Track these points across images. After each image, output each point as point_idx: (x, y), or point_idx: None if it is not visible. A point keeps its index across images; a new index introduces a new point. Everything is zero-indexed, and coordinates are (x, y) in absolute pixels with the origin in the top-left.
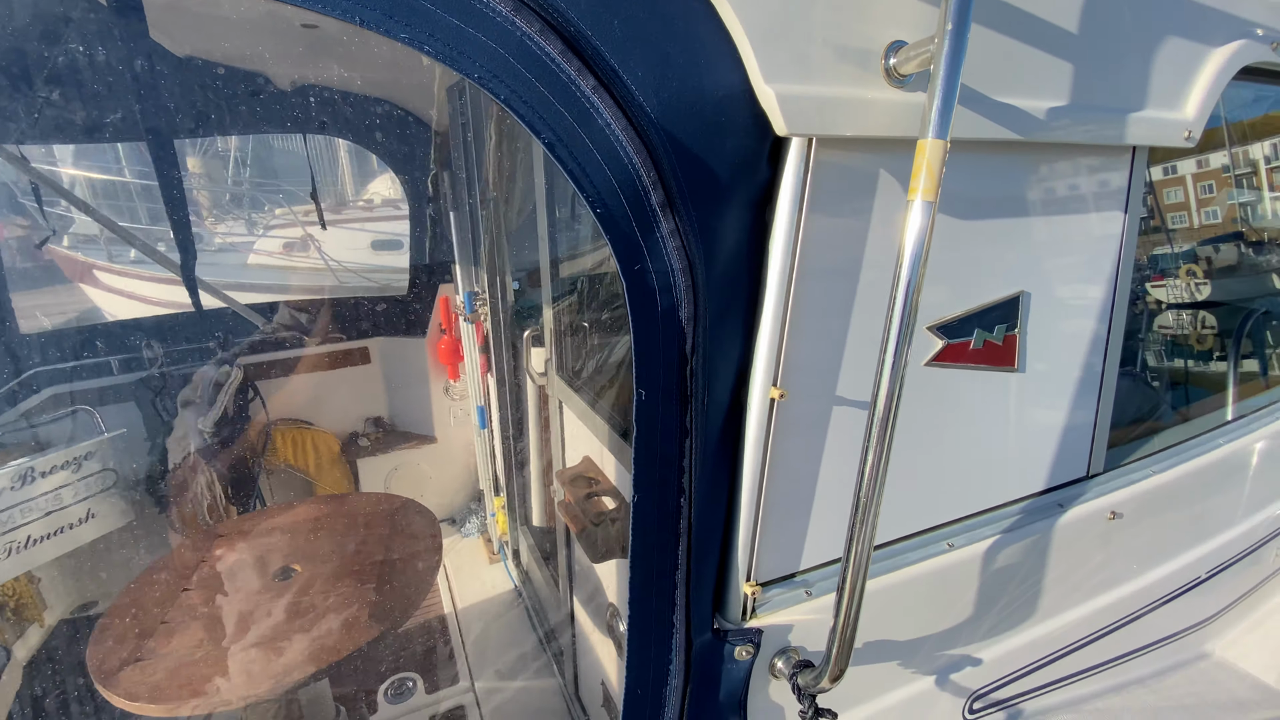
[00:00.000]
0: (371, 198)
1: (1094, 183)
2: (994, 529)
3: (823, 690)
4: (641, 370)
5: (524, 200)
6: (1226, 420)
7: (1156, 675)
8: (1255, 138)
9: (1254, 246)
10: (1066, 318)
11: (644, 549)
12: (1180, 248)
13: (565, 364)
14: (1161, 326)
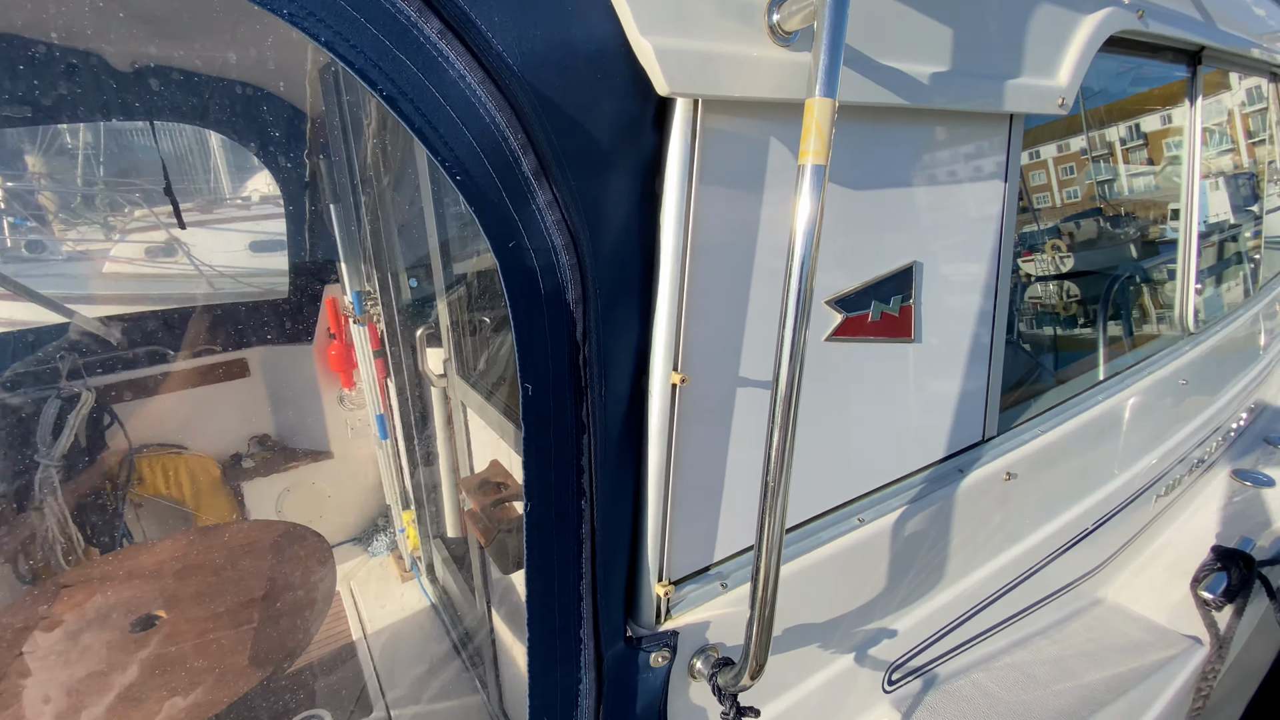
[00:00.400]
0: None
1: (974, 151)
2: (901, 500)
3: (744, 688)
4: (527, 362)
5: (410, 187)
6: (1099, 380)
7: (1056, 625)
8: (1111, 121)
9: (1111, 220)
10: (956, 286)
11: (543, 563)
12: (1045, 224)
13: (464, 363)
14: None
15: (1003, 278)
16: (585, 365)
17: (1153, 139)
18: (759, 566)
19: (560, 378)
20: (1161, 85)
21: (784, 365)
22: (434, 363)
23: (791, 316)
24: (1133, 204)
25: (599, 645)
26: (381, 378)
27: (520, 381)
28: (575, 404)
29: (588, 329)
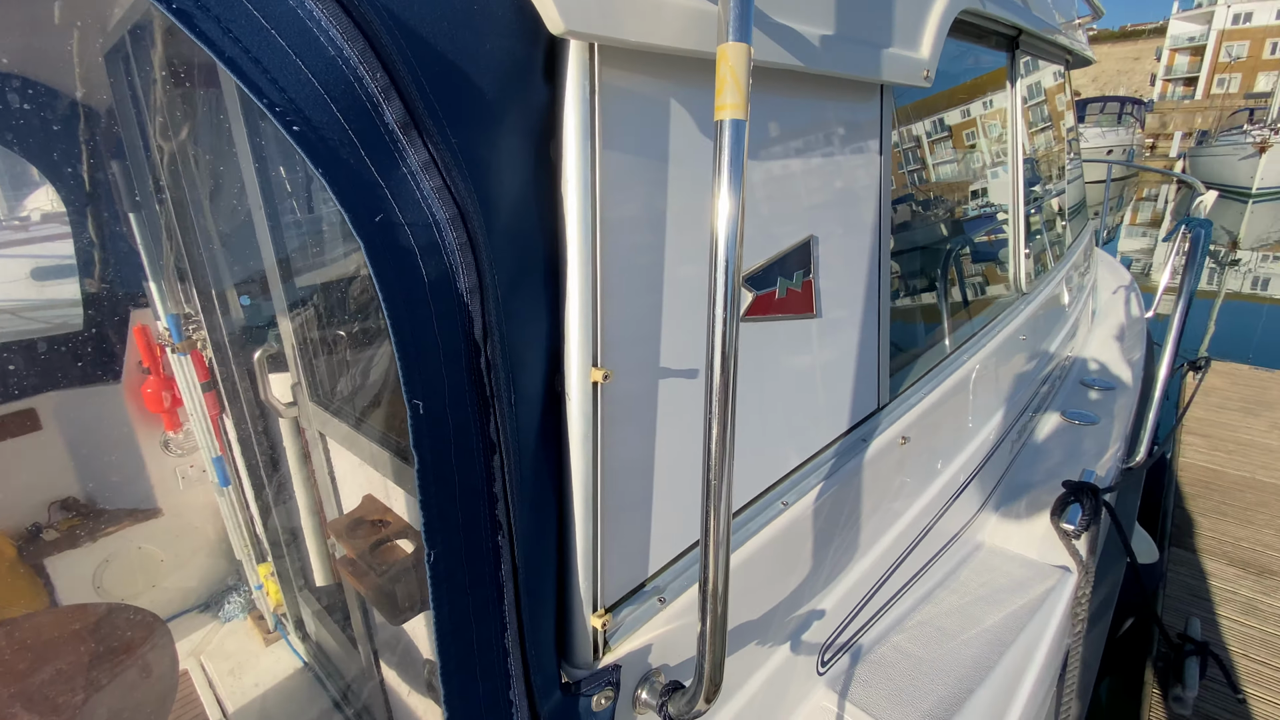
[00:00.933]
0: (29, 214)
1: (851, 123)
2: (817, 476)
3: (699, 714)
4: (413, 372)
5: (233, 184)
6: (962, 342)
7: (951, 575)
8: (942, 110)
9: (947, 201)
10: (846, 258)
11: (457, 622)
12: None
13: (319, 387)
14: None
15: (884, 247)
16: (489, 370)
17: (977, 124)
18: (707, 569)
19: (458, 388)
20: (985, 74)
21: (717, 347)
22: (280, 390)
23: (720, 291)
24: (963, 184)
25: (533, 704)
26: (214, 414)
27: (407, 398)
28: (480, 419)
29: (488, 324)
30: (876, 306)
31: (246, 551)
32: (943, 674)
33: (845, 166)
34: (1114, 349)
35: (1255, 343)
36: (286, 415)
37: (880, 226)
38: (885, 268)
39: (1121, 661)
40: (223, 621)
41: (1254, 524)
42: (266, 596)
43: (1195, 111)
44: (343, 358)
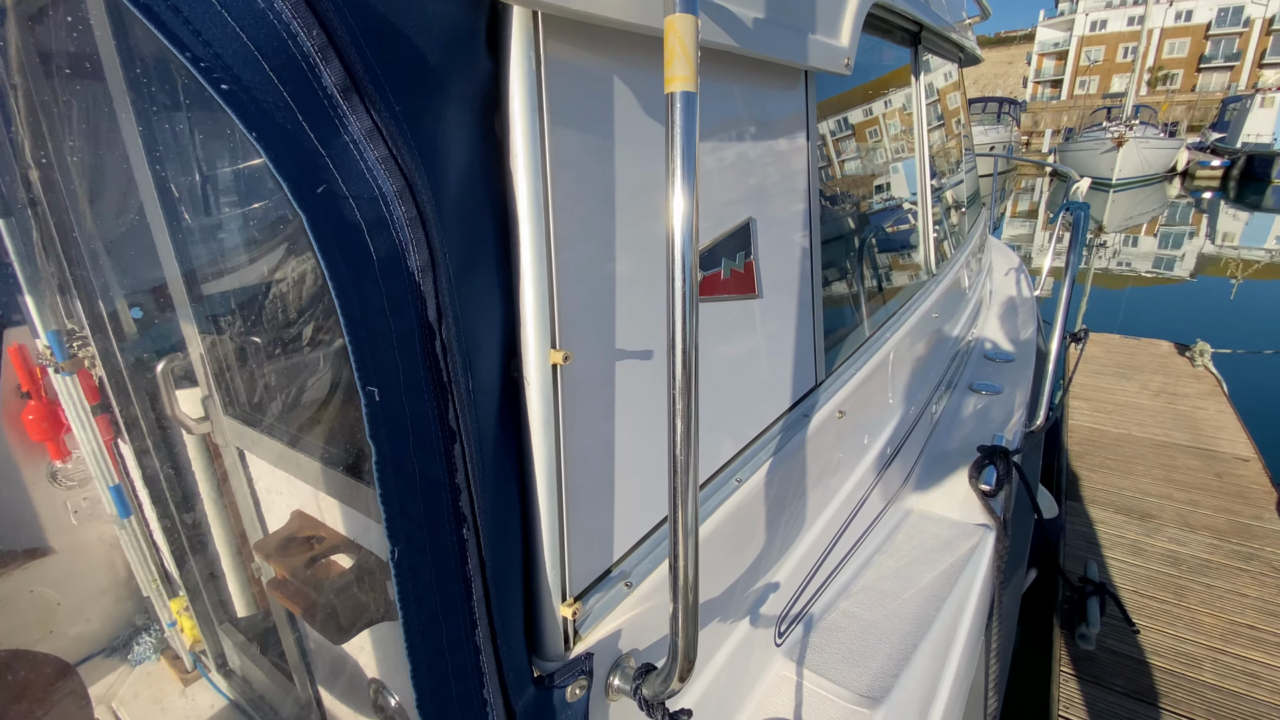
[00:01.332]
0: None
1: (779, 107)
2: (766, 452)
3: (673, 693)
4: (365, 356)
5: (121, 179)
6: (885, 319)
7: (887, 542)
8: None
9: (840, 196)
10: (781, 238)
11: (425, 621)
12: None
13: (235, 397)
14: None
15: (815, 229)
16: (445, 354)
17: (880, 122)
18: (676, 544)
19: (413, 374)
20: (890, 71)
21: (678, 321)
22: (189, 405)
23: (680, 264)
24: (872, 177)
25: (508, 701)
26: (109, 439)
27: (360, 385)
28: (439, 406)
29: (441, 306)
30: (811, 286)
31: (155, 587)
32: (889, 633)
33: (776, 151)
34: (1010, 325)
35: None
36: (197, 431)
37: (810, 209)
38: (817, 249)
39: (1029, 613)
40: (133, 665)
41: (1133, 474)
42: (181, 634)
43: (1062, 110)
44: (260, 366)
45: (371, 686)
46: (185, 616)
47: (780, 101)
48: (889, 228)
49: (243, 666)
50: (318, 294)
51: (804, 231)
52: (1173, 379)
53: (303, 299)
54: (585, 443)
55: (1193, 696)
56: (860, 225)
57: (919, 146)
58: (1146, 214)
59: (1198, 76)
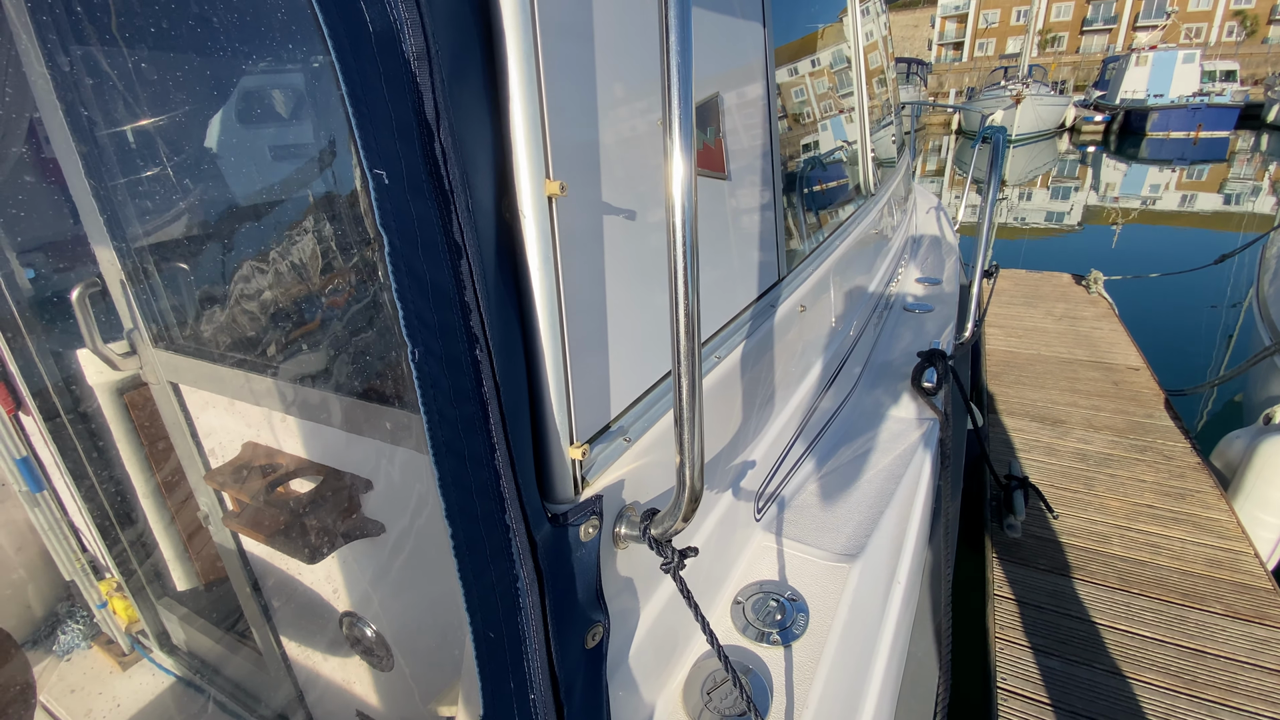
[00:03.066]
0: None
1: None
2: (740, 335)
3: (678, 531)
4: (368, 136)
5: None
6: (836, 226)
7: (845, 436)
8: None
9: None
10: (746, 126)
11: (445, 435)
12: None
13: (168, 330)
14: None
15: (773, 121)
16: (445, 160)
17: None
18: (680, 383)
19: (415, 171)
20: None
21: (677, 173)
22: (116, 344)
23: (676, 82)
24: (821, 99)
25: (529, 529)
26: (9, 409)
27: (368, 167)
28: (442, 214)
29: (439, 107)
30: (773, 181)
31: (79, 567)
32: (855, 506)
33: (733, 32)
34: (935, 256)
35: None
36: (123, 369)
37: (769, 99)
38: (776, 147)
39: (964, 510)
40: (60, 656)
41: (1044, 388)
42: (114, 616)
43: (964, 72)
44: (190, 288)
45: (344, 622)
46: (117, 597)
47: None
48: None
49: (188, 640)
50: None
51: (764, 123)
52: (1072, 305)
53: (235, 213)
54: (583, 290)
55: (1106, 568)
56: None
57: (856, 76)
58: (1042, 167)
59: (1081, 39)
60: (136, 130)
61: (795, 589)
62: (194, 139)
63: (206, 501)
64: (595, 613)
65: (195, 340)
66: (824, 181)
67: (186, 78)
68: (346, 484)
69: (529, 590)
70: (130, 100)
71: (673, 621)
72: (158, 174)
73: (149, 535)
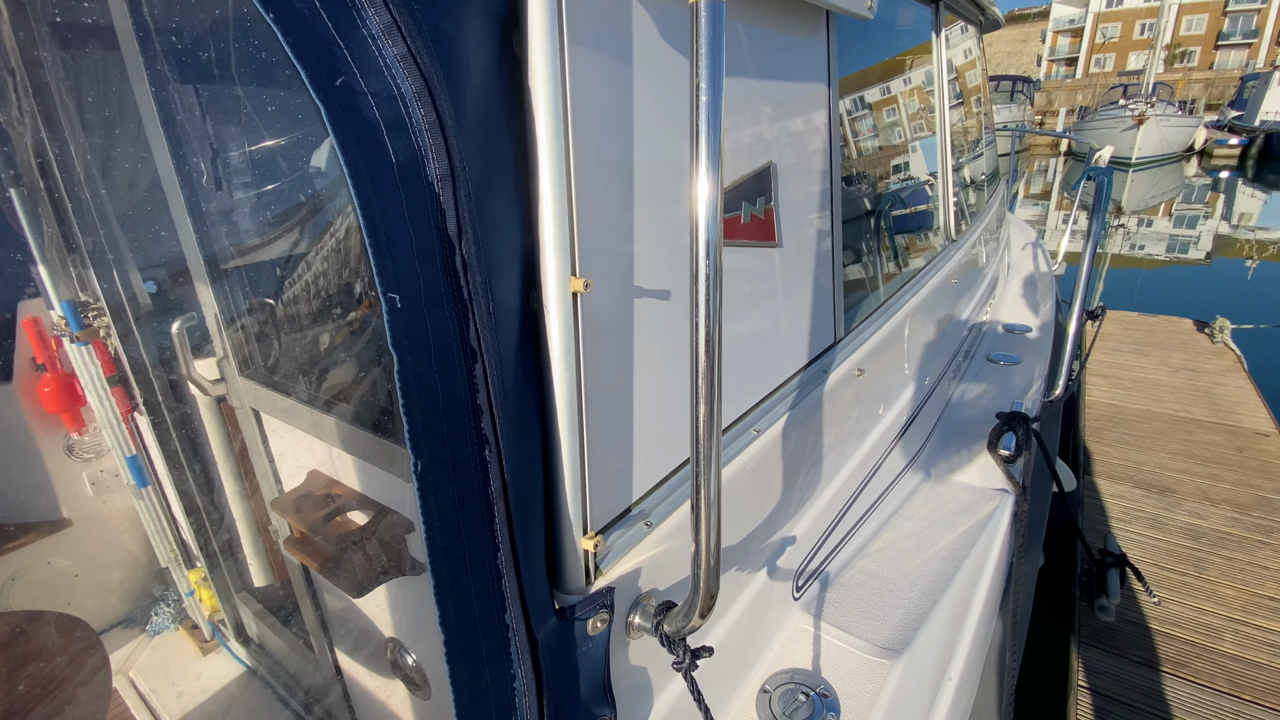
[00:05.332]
0: None
1: (799, 50)
2: (784, 405)
3: (694, 629)
4: (385, 260)
5: (129, 158)
6: (906, 281)
7: (904, 504)
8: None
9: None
10: (802, 188)
11: (448, 539)
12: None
13: (252, 361)
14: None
15: (835, 181)
16: (465, 270)
17: (905, 86)
18: (698, 481)
19: (434, 286)
20: (912, 46)
21: (701, 256)
22: (206, 369)
23: (705, 185)
24: (897, 142)
25: (530, 628)
26: (125, 410)
27: (381, 291)
28: (459, 323)
29: (461, 220)
30: (830, 240)
31: (173, 557)
32: (907, 590)
33: (796, 96)
34: (1029, 299)
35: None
36: (213, 393)
37: (831, 160)
38: (838, 204)
39: (1048, 584)
40: (151, 635)
41: (1153, 449)
42: (200, 603)
43: (1076, 89)
44: (274, 326)
45: (389, 646)
46: (203, 586)
47: (802, 45)
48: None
49: (260, 635)
50: (332, 256)
51: (824, 184)
52: (1193, 355)
53: (317, 263)
54: (606, 378)
55: (1213, 666)
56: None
57: (940, 110)
58: (1165, 194)
59: (1215, 54)
60: (234, 171)
61: (829, 683)
62: (287, 188)
63: (276, 517)
64: (600, 707)
65: (273, 374)
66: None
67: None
68: (394, 523)
69: (525, 691)
70: (228, 161)
71: (689, 713)
72: (251, 218)
73: (235, 533)
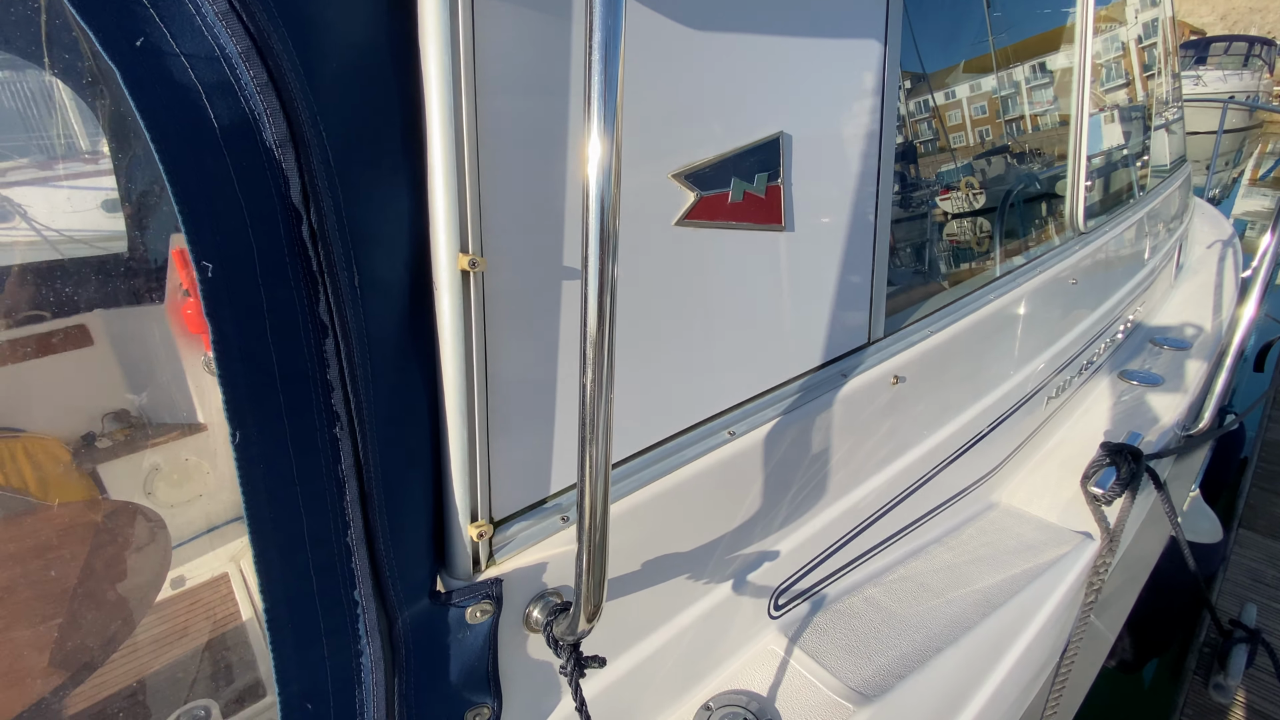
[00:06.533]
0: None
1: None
2: (777, 409)
3: (583, 635)
4: (202, 230)
5: None
6: (991, 279)
7: (950, 533)
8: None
9: (1016, 156)
10: (832, 166)
11: (274, 514)
12: (959, 162)
13: None
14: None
15: (885, 157)
16: (316, 241)
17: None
18: (584, 485)
19: (275, 258)
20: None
21: (593, 227)
22: None
23: (598, 147)
24: (1025, 132)
25: (387, 605)
26: None
27: (194, 259)
28: (307, 296)
29: (313, 189)
30: (872, 227)
31: None
32: (912, 630)
33: (836, 54)
34: (1197, 307)
35: None
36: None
37: (881, 134)
38: (887, 182)
39: (1150, 645)
40: None
41: None
42: None
43: None
44: None
45: None
46: None
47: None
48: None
49: None
50: None
51: (867, 158)
52: None
53: None
54: (514, 364)
55: None
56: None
57: (1079, 80)
58: None
59: None
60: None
61: (779, 715)
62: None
63: None
64: (478, 695)
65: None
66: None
67: None
68: None
69: (373, 668)
70: None
71: (606, 713)
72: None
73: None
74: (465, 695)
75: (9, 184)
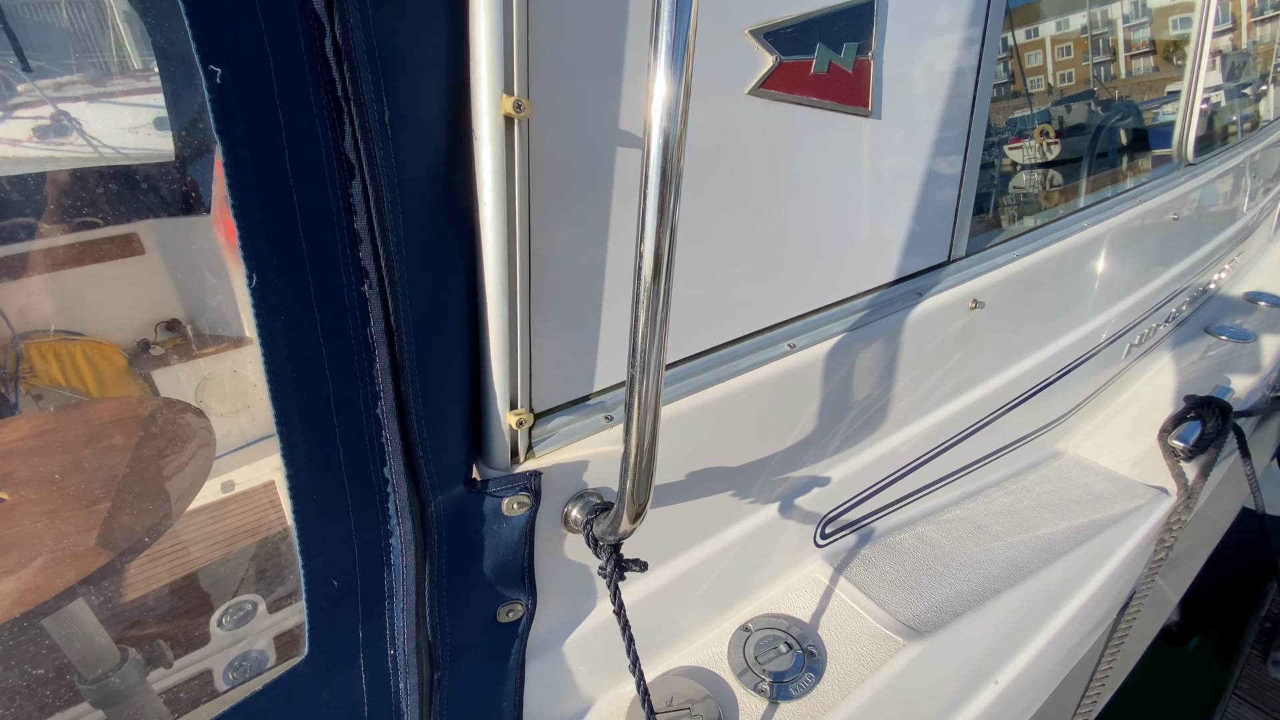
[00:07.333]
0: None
1: None
2: (843, 324)
3: (624, 536)
4: (208, 27)
5: None
6: (1084, 205)
7: (1012, 477)
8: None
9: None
10: (930, 49)
11: (296, 371)
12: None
13: None
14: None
15: (988, 54)
16: (340, 60)
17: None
18: (634, 378)
19: (295, 72)
20: None
21: (658, 96)
22: None
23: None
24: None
25: (420, 487)
26: None
27: (200, 63)
28: (332, 125)
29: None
30: (965, 134)
31: None
32: (968, 569)
33: None
34: None
35: None
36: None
37: (987, 18)
38: (986, 78)
39: (1202, 616)
40: None
41: None
42: None
43: None
44: None
45: None
46: None
47: None
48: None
49: None
50: None
51: (970, 44)
52: None
53: None
54: (560, 237)
55: None
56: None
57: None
58: None
59: None
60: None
61: (822, 642)
62: None
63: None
64: (512, 589)
65: None
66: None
67: None
68: None
69: (404, 550)
70: None
71: (637, 621)
72: None
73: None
74: (499, 588)
75: (65, 99)
